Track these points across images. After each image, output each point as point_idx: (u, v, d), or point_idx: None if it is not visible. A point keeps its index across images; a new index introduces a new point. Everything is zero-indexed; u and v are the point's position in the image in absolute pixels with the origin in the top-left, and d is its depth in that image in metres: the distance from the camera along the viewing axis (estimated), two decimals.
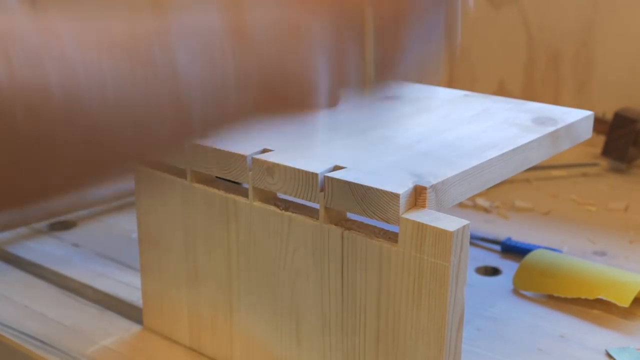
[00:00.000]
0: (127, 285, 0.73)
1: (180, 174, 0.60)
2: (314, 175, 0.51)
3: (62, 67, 0.33)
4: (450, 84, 1.19)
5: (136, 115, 0.36)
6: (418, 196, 0.49)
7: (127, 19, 0.37)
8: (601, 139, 1.03)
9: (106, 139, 0.36)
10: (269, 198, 0.55)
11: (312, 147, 0.56)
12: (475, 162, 0.54)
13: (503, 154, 0.56)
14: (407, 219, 0.47)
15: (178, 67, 0.37)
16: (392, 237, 0.49)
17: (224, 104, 0.38)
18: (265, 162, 0.53)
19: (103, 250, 0.81)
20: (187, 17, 0.38)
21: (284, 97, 0.41)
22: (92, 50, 0.35)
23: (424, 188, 0.49)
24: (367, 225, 0.51)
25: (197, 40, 0.38)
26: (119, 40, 0.36)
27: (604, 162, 1.04)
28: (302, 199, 0.52)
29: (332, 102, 0.43)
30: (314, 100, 0.42)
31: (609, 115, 1.03)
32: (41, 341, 0.65)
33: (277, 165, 0.53)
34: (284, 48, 0.40)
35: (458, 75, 1.19)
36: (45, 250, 0.81)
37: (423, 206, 0.49)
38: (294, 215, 0.53)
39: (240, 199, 0.56)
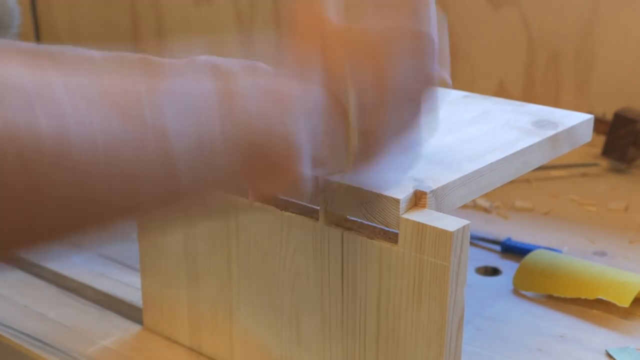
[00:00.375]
0: (127, 285, 0.73)
1: None
2: (314, 178, 0.51)
3: (54, 117, 0.33)
4: None
5: (125, 171, 0.36)
6: (418, 201, 0.49)
7: (118, 76, 0.37)
8: (601, 139, 1.03)
9: (94, 194, 0.36)
10: (269, 198, 0.55)
11: None
12: (475, 166, 0.54)
13: (503, 158, 0.56)
14: (407, 219, 0.47)
15: (167, 125, 0.37)
16: (392, 237, 0.49)
17: (210, 165, 0.39)
18: None
19: (103, 250, 0.81)
20: (178, 79, 0.39)
21: (269, 164, 0.41)
22: (84, 102, 0.35)
23: (424, 193, 0.49)
24: (367, 226, 0.51)
25: (186, 101, 0.38)
26: (110, 94, 0.36)
27: (604, 162, 1.04)
28: (302, 201, 0.52)
29: (315, 180, 0.45)
30: (298, 169, 0.42)
31: (609, 116, 1.03)
32: (41, 341, 0.65)
33: None
34: (271, 114, 0.41)
35: (458, 75, 1.19)
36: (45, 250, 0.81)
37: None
38: (294, 215, 0.53)
39: (240, 199, 0.56)
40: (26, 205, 0.34)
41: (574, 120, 0.65)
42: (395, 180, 0.50)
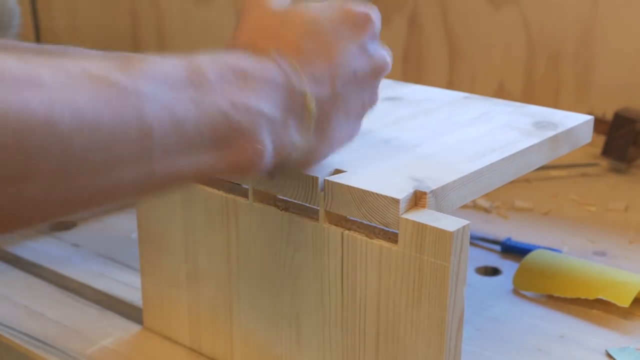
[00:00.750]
0: (127, 285, 0.73)
1: None
2: (314, 178, 0.51)
3: (43, 95, 0.36)
4: (450, 83, 1.20)
5: (107, 147, 0.38)
6: (418, 201, 0.49)
7: (99, 60, 0.41)
8: (601, 139, 1.03)
9: (79, 170, 0.38)
10: (269, 198, 0.55)
11: None
12: (475, 167, 0.54)
13: (503, 159, 0.56)
14: (407, 219, 0.47)
15: (144, 103, 0.39)
16: (392, 237, 0.49)
17: (183, 142, 0.41)
18: None
19: (103, 250, 0.81)
20: (152, 62, 0.42)
21: (235, 145, 0.44)
22: (69, 81, 0.37)
23: (424, 193, 0.49)
24: (367, 225, 0.51)
25: (161, 81, 0.41)
26: (92, 73, 0.39)
27: (604, 162, 1.04)
28: (302, 201, 0.52)
29: (273, 165, 0.47)
30: (261, 144, 0.44)
31: (609, 116, 1.03)
32: (41, 341, 0.65)
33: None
34: (236, 91, 0.44)
35: (458, 75, 1.20)
36: (45, 250, 0.81)
37: None
38: (294, 215, 0.53)
39: (240, 199, 0.56)
40: (18, 183, 0.36)
41: (574, 121, 0.65)
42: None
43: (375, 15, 0.52)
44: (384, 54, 0.52)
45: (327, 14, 0.50)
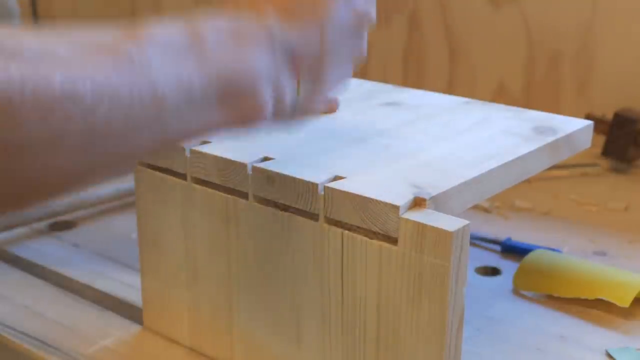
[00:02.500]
0: (127, 285, 0.73)
1: (181, 174, 0.60)
2: (314, 185, 0.51)
3: (64, 71, 0.37)
4: (450, 83, 1.19)
5: (125, 116, 0.40)
6: (418, 207, 0.49)
7: (106, 33, 0.42)
8: (601, 139, 1.03)
9: (101, 140, 0.39)
10: (269, 199, 0.55)
11: (313, 156, 0.56)
12: (475, 173, 0.54)
13: (503, 165, 0.56)
14: (407, 219, 0.47)
15: (153, 69, 0.41)
16: (392, 238, 0.49)
17: (192, 103, 0.43)
18: (265, 170, 0.53)
19: (103, 250, 0.81)
20: (154, 30, 0.43)
21: (238, 95, 0.46)
22: (85, 55, 0.39)
23: (424, 200, 0.49)
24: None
25: (165, 47, 0.43)
26: (103, 46, 0.40)
27: (604, 162, 1.04)
28: (302, 208, 0.52)
29: (277, 116, 0.49)
30: (262, 96, 0.46)
31: (609, 116, 1.03)
32: (41, 341, 0.65)
33: (278, 174, 0.53)
34: (234, 51, 0.46)
35: (458, 76, 1.19)
36: (45, 250, 0.81)
37: None
38: (293, 215, 0.53)
39: (240, 199, 0.56)
40: (43, 155, 0.37)
41: (574, 126, 0.66)
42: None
43: None
44: (367, 4, 0.53)
45: None
